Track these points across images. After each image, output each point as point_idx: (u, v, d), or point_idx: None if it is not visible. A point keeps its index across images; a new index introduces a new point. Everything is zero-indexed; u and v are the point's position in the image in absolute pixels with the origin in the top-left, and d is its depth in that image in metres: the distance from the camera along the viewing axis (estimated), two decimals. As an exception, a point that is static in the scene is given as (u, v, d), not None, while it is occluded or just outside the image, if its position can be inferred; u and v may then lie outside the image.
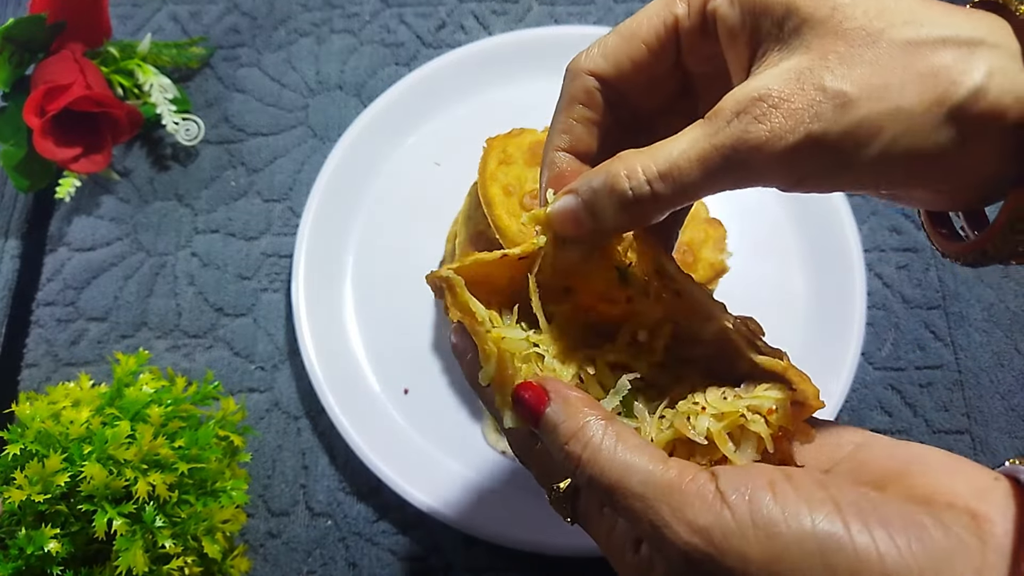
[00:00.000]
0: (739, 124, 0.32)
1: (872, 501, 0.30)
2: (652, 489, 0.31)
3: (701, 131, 0.33)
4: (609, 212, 0.34)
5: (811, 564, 0.28)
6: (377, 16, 0.85)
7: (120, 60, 0.78)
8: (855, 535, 0.28)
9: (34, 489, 0.51)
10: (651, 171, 0.33)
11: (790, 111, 0.31)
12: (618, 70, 0.37)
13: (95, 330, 0.73)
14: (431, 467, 0.65)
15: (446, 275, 0.36)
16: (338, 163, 0.74)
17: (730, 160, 0.32)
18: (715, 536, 0.29)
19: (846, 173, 0.32)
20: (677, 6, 0.36)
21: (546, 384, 0.35)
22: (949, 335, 0.72)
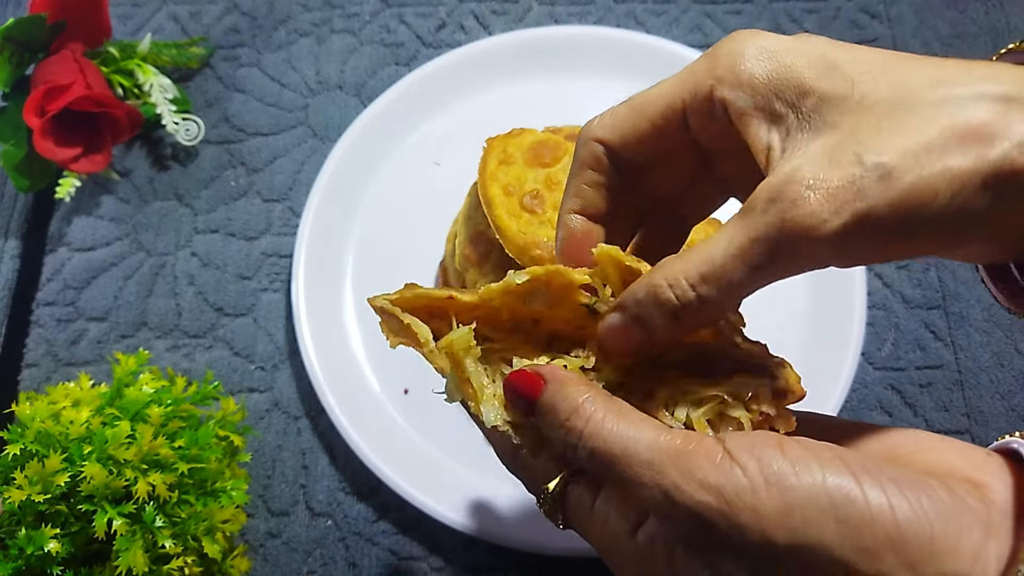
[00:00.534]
0: (775, 212, 0.31)
1: (878, 463, 0.30)
2: (659, 455, 0.31)
3: (737, 227, 0.32)
4: (659, 322, 0.34)
5: (824, 518, 0.28)
6: (377, 16, 0.85)
7: (120, 60, 0.78)
8: (867, 489, 0.28)
9: (34, 489, 0.51)
10: (693, 276, 0.33)
11: (829, 192, 0.30)
12: (623, 141, 0.38)
13: (95, 330, 0.73)
14: (431, 467, 0.65)
15: (380, 304, 0.36)
16: (338, 163, 0.74)
17: (773, 251, 0.31)
18: (727, 493, 0.29)
19: (899, 243, 0.31)
20: (684, 91, 0.36)
21: (539, 370, 0.35)
22: (949, 335, 0.72)
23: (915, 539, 0.28)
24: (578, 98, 0.78)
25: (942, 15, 0.85)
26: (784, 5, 0.86)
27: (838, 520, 0.28)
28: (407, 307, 0.36)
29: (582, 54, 0.79)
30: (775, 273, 0.32)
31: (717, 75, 0.34)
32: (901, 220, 0.30)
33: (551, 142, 0.62)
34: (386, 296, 0.36)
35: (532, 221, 0.59)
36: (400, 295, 0.36)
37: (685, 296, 0.33)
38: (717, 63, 0.35)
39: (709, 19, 0.85)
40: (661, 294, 0.33)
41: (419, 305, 0.37)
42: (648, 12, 0.85)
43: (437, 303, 0.37)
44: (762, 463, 0.29)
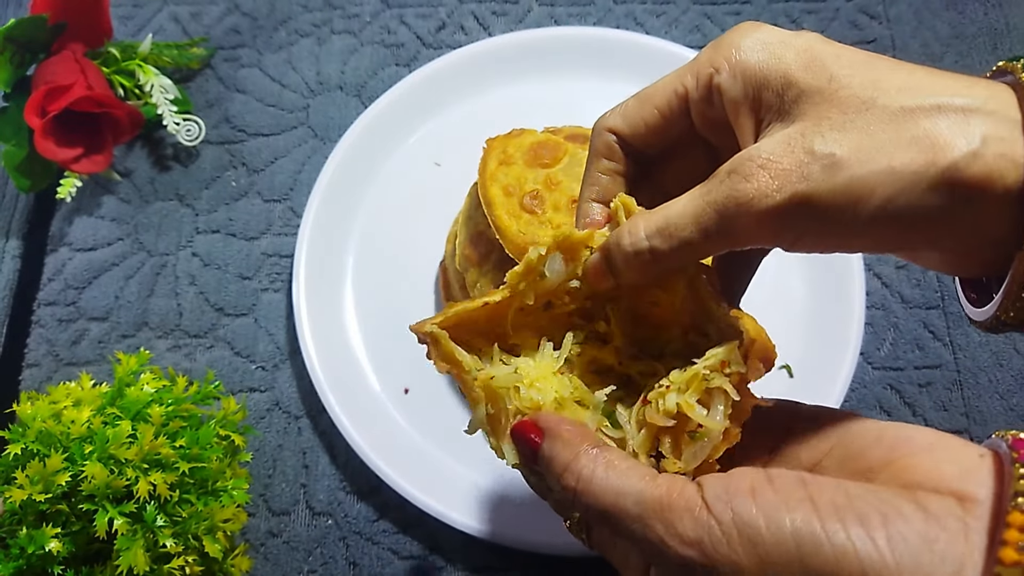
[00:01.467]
0: (729, 182, 0.33)
1: (849, 496, 0.30)
2: (646, 509, 0.32)
3: (697, 192, 0.35)
4: (622, 267, 0.37)
5: (790, 564, 0.29)
6: (377, 17, 0.86)
7: (121, 61, 0.78)
8: (831, 535, 0.29)
9: (35, 488, 0.51)
10: (649, 229, 0.36)
11: (777, 171, 0.32)
12: (633, 130, 0.40)
13: (96, 330, 0.73)
14: (431, 467, 0.65)
15: (429, 330, 0.38)
16: (338, 163, 0.74)
17: (722, 217, 0.33)
18: (706, 547, 0.31)
19: (840, 234, 0.33)
20: (686, 80, 0.38)
21: (539, 421, 0.37)
22: (948, 335, 0.72)
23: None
24: (578, 98, 0.78)
25: (941, 16, 0.85)
26: (784, 6, 0.86)
27: (804, 569, 0.29)
28: (450, 328, 0.38)
29: (582, 55, 0.79)
30: (723, 241, 0.34)
31: (716, 64, 0.36)
32: (839, 208, 0.32)
33: (551, 143, 0.63)
34: (432, 321, 0.38)
35: (532, 221, 0.59)
36: (444, 317, 0.38)
37: (638, 244, 0.36)
38: (717, 52, 0.37)
39: (708, 20, 0.85)
40: (621, 240, 0.37)
41: (459, 323, 0.39)
42: (648, 13, 0.86)
43: (474, 315, 0.39)
44: (735, 514, 0.31)
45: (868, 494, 0.30)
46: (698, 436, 0.35)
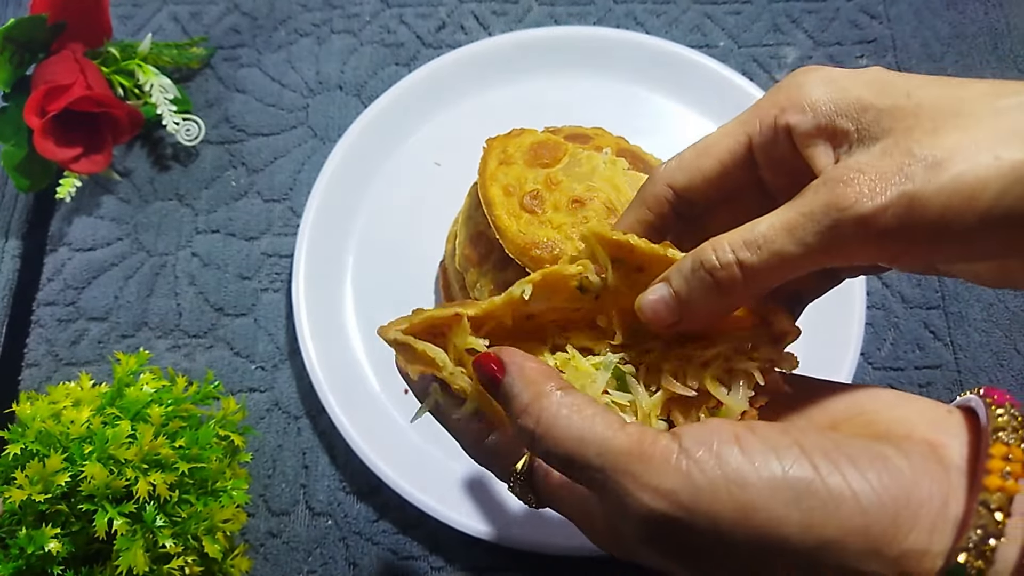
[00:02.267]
0: (827, 190, 0.31)
1: (835, 440, 0.30)
2: (610, 458, 0.31)
3: (788, 205, 0.33)
4: (697, 294, 0.34)
5: (787, 512, 0.29)
6: (377, 16, 0.86)
7: (121, 60, 0.78)
8: (826, 477, 0.29)
9: (35, 489, 0.51)
10: (736, 243, 0.33)
11: (879, 174, 0.30)
12: (691, 183, 0.38)
13: (96, 330, 0.73)
14: (431, 467, 0.65)
15: (393, 337, 0.36)
16: (338, 163, 0.74)
17: (819, 224, 0.31)
18: (683, 498, 0.29)
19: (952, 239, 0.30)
20: (749, 127, 0.37)
21: (502, 355, 0.35)
22: (949, 335, 0.72)
23: (877, 523, 0.28)
24: (578, 98, 0.78)
25: (941, 15, 0.85)
26: (784, 5, 0.86)
27: (801, 513, 0.28)
28: (417, 333, 0.36)
29: (582, 54, 0.79)
30: (821, 254, 0.32)
31: (781, 105, 0.35)
32: (948, 209, 0.30)
33: (551, 142, 0.62)
34: (395, 325, 0.36)
35: (532, 221, 0.59)
36: (409, 322, 0.36)
37: (725, 259, 0.33)
38: (780, 94, 0.36)
39: (709, 19, 0.85)
40: (704, 257, 0.34)
41: (427, 328, 0.37)
42: (648, 12, 0.86)
43: (444, 321, 0.37)
44: (720, 460, 0.30)
45: (852, 440, 0.31)
46: (719, 414, 0.34)
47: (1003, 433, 0.30)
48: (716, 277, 0.34)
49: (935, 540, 0.28)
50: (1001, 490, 0.28)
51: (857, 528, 0.28)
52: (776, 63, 0.83)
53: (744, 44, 0.84)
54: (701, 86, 0.77)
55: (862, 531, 0.28)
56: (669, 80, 0.78)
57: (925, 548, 0.28)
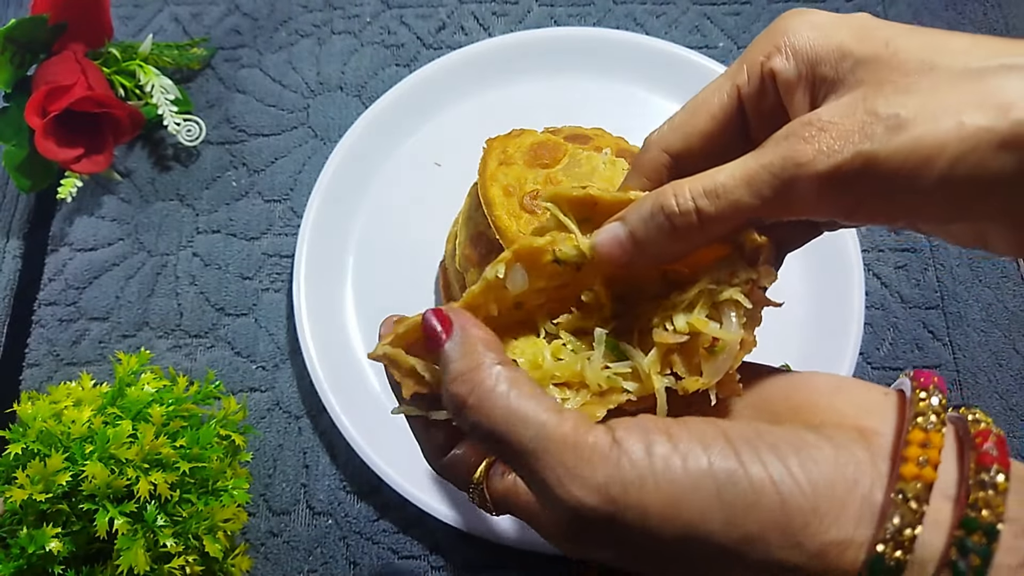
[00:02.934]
0: (787, 144, 0.31)
1: (759, 430, 0.30)
2: (544, 444, 0.30)
3: (747, 157, 0.33)
4: (654, 236, 0.34)
5: (709, 505, 0.29)
6: (378, 17, 0.86)
7: (122, 61, 0.78)
8: (748, 466, 0.29)
9: (36, 488, 0.51)
10: (696, 190, 0.33)
11: (839, 132, 0.30)
12: (687, 143, 0.38)
13: (97, 330, 0.73)
14: (431, 466, 0.65)
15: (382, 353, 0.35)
16: (339, 163, 0.74)
17: (777, 178, 0.31)
18: (614, 491, 0.29)
19: (906, 199, 0.30)
20: (738, 77, 0.36)
21: (452, 315, 0.34)
22: (947, 335, 0.72)
23: (799, 513, 0.28)
24: (578, 99, 0.79)
25: (940, 15, 0.85)
26: (783, 6, 0.86)
27: (723, 506, 0.28)
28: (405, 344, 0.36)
29: (582, 55, 0.79)
30: (777, 207, 0.32)
31: (766, 51, 0.35)
32: (905, 169, 0.29)
33: (551, 143, 0.63)
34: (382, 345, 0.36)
35: (532, 221, 0.59)
36: (394, 336, 0.35)
37: (685, 205, 0.33)
38: (767, 40, 0.35)
39: (708, 20, 0.85)
40: (665, 201, 0.33)
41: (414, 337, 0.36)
42: (647, 13, 0.86)
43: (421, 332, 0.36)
44: (650, 453, 0.29)
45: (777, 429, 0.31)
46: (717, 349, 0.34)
47: (922, 419, 0.29)
48: (673, 222, 0.33)
49: (859, 531, 0.28)
50: (918, 478, 0.28)
51: (777, 520, 0.28)
52: (776, 64, 0.83)
53: (743, 45, 0.84)
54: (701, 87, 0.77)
55: (782, 524, 0.28)
56: (669, 81, 0.78)
57: (849, 538, 0.28)
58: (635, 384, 0.36)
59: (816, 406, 0.33)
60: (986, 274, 0.74)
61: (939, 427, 0.29)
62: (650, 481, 0.29)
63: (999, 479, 0.28)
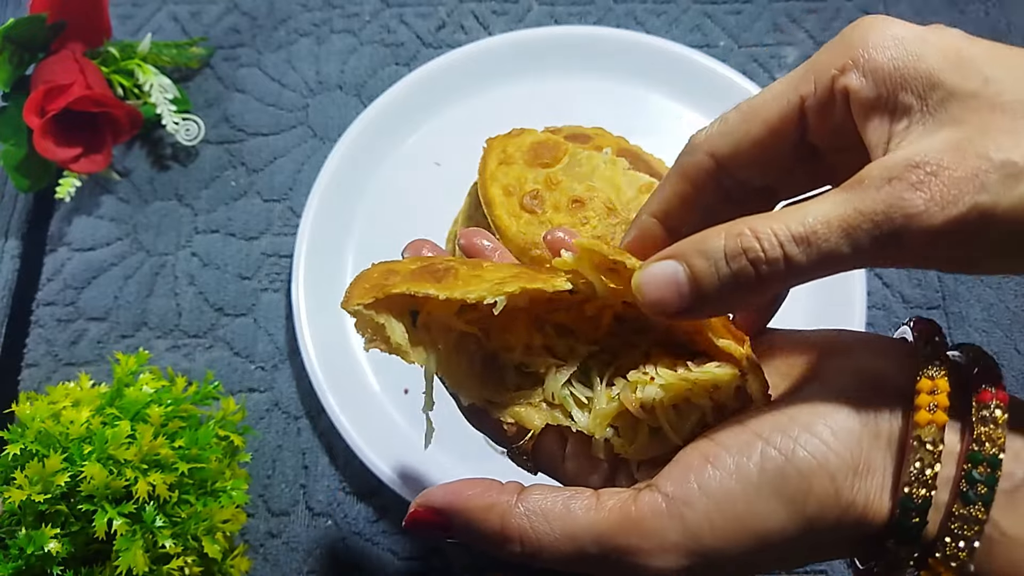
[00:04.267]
0: (891, 190, 0.28)
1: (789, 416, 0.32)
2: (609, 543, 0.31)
3: (844, 196, 0.29)
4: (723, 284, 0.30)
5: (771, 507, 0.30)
6: (377, 16, 0.85)
7: (120, 60, 0.78)
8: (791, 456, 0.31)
9: (34, 489, 0.51)
10: (784, 234, 0.29)
11: (952, 180, 0.27)
12: (736, 149, 0.34)
13: (95, 330, 0.73)
14: (431, 467, 0.65)
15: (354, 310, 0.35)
16: (338, 163, 0.74)
17: (880, 228, 0.28)
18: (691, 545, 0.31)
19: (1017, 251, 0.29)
20: (802, 86, 0.33)
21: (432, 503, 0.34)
22: (949, 335, 0.72)
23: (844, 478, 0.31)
24: (578, 98, 0.78)
25: (941, 15, 0.85)
26: (784, 5, 0.86)
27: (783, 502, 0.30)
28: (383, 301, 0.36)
29: (582, 54, 0.79)
30: (874, 255, 0.29)
31: (840, 64, 0.32)
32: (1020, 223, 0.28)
33: (551, 142, 0.62)
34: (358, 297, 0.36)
35: (532, 221, 0.59)
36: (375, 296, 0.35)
37: (772, 253, 0.29)
38: (841, 51, 0.32)
39: (709, 19, 0.85)
40: (745, 242, 0.29)
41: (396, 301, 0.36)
42: (648, 12, 0.85)
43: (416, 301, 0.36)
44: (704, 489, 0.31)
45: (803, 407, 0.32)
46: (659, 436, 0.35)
47: (929, 368, 0.32)
48: (758, 270, 0.29)
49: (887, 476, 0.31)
50: (931, 423, 0.30)
51: (829, 492, 0.30)
52: (776, 63, 0.83)
53: (744, 44, 0.84)
54: (701, 86, 0.77)
55: (834, 494, 0.30)
56: (669, 80, 0.78)
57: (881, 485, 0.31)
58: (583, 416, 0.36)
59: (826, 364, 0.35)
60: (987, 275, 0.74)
61: (943, 372, 0.31)
62: (716, 515, 0.31)
63: (997, 413, 0.30)
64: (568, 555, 0.32)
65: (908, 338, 0.34)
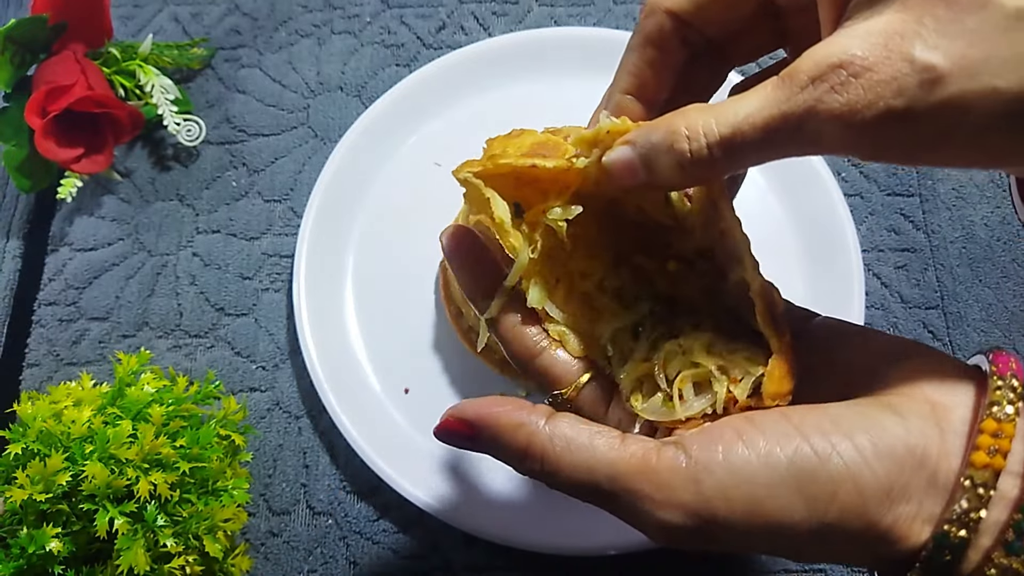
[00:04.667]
0: (813, 92, 0.29)
1: (833, 419, 0.31)
2: (622, 482, 0.31)
3: (772, 95, 0.30)
4: (665, 169, 0.33)
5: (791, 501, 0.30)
6: (378, 17, 0.86)
7: (121, 61, 0.78)
8: (825, 460, 0.30)
9: (36, 488, 0.51)
10: (712, 134, 0.31)
11: (871, 83, 0.28)
12: (697, 4, 0.35)
13: (96, 330, 0.73)
14: (431, 466, 0.65)
15: (464, 177, 0.36)
16: (339, 163, 0.74)
17: (798, 129, 0.30)
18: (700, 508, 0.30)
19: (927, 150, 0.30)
20: None
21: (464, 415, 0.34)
22: (947, 335, 0.72)
23: (873, 497, 0.29)
24: (578, 98, 0.78)
25: None
26: (783, 6, 0.86)
27: (805, 500, 0.30)
28: (490, 178, 0.36)
29: (582, 55, 0.79)
30: (790, 150, 0.31)
31: None
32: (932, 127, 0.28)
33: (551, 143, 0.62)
34: (468, 166, 0.36)
35: (532, 221, 0.59)
36: (483, 167, 0.36)
37: (699, 153, 0.32)
38: None
39: (709, 20, 0.85)
40: (677, 143, 0.32)
41: (502, 178, 0.36)
42: (648, 13, 0.86)
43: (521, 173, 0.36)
44: (728, 461, 0.30)
45: (850, 413, 0.31)
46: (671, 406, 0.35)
47: (997, 408, 0.30)
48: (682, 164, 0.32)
49: (924, 507, 0.30)
50: (988, 467, 0.29)
51: (855, 505, 0.29)
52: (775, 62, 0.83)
53: (744, 45, 0.84)
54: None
55: (859, 509, 0.29)
56: (669, 80, 0.78)
57: (915, 513, 0.30)
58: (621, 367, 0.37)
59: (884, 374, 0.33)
60: (986, 274, 0.74)
61: (1013, 417, 0.30)
62: (732, 488, 0.30)
63: None
64: (581, 484, 0.32)
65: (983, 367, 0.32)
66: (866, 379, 0.34)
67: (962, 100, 0.28)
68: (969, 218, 0.76)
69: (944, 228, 0.76)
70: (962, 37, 0.28)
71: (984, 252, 0.75)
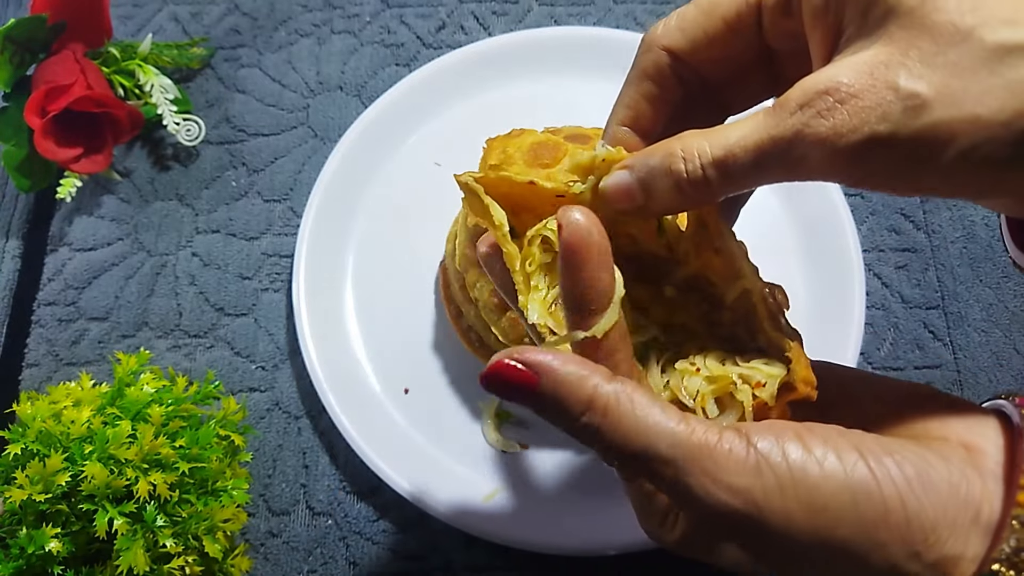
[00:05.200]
0: (801, 117, 0.30)
1: (887, 446, 0.31)
2: (682, 452, 0.31)
3: (764, 120, 0.31)
4: (663, 192, 0.33)
5: (844, 514, 0.30)
6: (377, 17, 0.86)
7: (121, 60, 0.78)
8: (882, 483, 0.30)
9: (35, 488, 0.51)
10: (707, 155, 0.32)
11: (856, 109, 0.29)
12: (694, 45, 0.36)
13: (96, 330, 0.73)
14: (431, 467, 0.65)
15: (465, 180, 0.36)
16: (339, 163, 0.74)
17: (787, 153, 0.31)
18: (756, 496, 0.30)
19: (912, 177, 0.31)
20: None
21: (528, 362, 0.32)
22: (948, 335, 0.72)
23: (920, 530, 0.30)
24: (578, 98, 0.78)
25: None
26: (784, 6, 0.86)
27: (857, 517, 0.30)
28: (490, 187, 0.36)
29: (582, 55, 0.79)
30: (779, 174, 0.32)
31: None
32: (916, 153, 0.29)
33: (551, 143, 0.62)
34: (471, 174, 0.36)
35: (532, 221, 0.59)
36: (485, 174, 0.36)
37: (695, 174, 0.32)
38: None
39: (709, 20, 0.85)
40: (674, 165, 0.33)
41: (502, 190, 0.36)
42: (648, 13, 0.86)
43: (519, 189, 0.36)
44: (788, 459, 0.30)
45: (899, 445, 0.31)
46: None
47: None
48: (680, 186, 0.33)
49: (969, 547, 0.30)
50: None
51: (903, 534, 0.30)
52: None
53: (744, 44, 0.84)
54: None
55: (907, 537, 0.30)
56: (669, 80, 0.78)
57: (960, 554, 0.30)
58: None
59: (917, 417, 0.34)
60: (987, 274, 0.74)
61: None
62: (790, 487, 0.30)
63: None
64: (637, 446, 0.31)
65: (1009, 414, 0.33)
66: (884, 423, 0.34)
67: (946, 127, 0.29)
68: (970, 218, 0.76)
69: (945, 228, 0.76)
70: (945, 68, 0.29)
71: (985, 252, 0.75)
